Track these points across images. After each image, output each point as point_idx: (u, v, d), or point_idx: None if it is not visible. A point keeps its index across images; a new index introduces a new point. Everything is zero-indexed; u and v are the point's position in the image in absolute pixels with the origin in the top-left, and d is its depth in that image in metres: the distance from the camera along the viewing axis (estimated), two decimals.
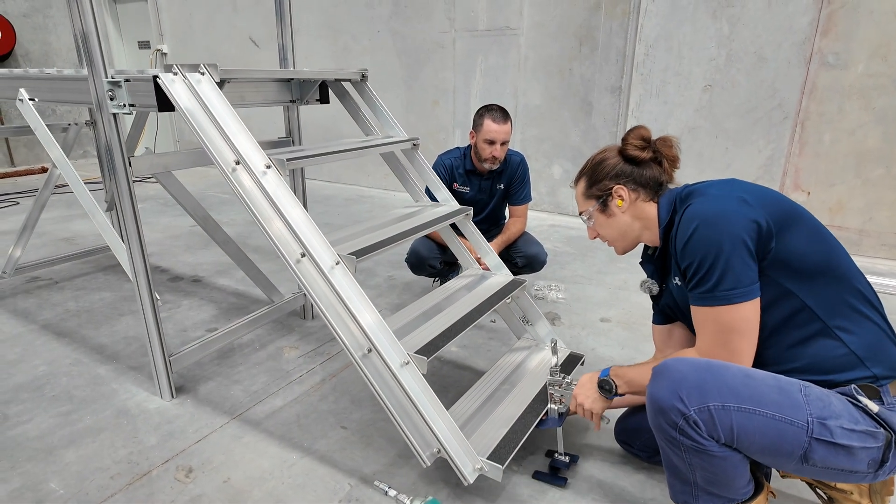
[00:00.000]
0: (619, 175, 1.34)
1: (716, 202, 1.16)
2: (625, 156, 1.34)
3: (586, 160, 1.43)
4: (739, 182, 1.24)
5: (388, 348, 1.45)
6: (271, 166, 1.48)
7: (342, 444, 1.69)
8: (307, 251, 1.46)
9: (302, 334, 2.41)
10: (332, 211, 4.69)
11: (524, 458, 1.64)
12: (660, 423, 1.12)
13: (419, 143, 2.04)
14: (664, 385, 1.11)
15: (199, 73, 1.51)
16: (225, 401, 1.92)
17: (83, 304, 2.72)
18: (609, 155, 1.37)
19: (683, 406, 1.07)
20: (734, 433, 1.06)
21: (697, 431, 1.07)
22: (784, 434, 1.05)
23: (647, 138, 1.35)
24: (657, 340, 1.55)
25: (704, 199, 1.19)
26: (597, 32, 3.95)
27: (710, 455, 1.09)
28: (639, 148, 1.33)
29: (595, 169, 1.38)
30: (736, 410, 1.06)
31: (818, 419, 1.05)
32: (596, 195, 1.38)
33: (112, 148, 1.62)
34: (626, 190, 1.33)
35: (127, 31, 6.96)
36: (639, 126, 1.36)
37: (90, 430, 1.76)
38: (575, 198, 1.46)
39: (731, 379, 1.09)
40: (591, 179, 1.39)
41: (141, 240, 1.73)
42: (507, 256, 2.55)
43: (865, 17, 3.12)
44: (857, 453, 1.06)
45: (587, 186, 1.40)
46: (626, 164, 1.34)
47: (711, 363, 1.13)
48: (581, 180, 1.42)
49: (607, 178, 1.35)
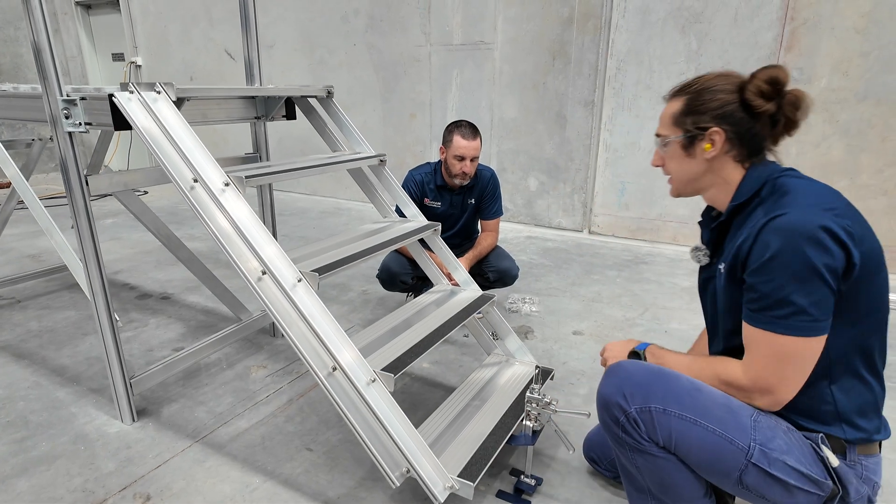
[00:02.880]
0: (724, 117, 1.09)
1: (811, 220, 0.97)
2: (742, 97, 1.08)
3: (697, 77, 1.16)
4: (838, 197, 1.05)
5: (353, 366, 1.42)
6: (230, 184, 1.46)
7: (308, 466, 1.66)
8: (268, 269, 1.43)
9: (270, 353, 2.37)
10: (307, 224, 4.65)
11: (496, 474, 1.62)
12: (605, 419, 1.15)
13: (386, 159, 2.03)
14: (612, 382, 1.14)
15: (154, 91, 1.49)
16: (188, 423, 1.87)
17: (46, 324, 2.65)
18: (724, 86, 1.10)
19: (626, 403, 1.10)
20: (672, 439, 1.07)
21: (637, 430, 1.09)
22: (722, 451, 1.05)
23: (781, 85, 1.06)
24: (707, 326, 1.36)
25: (800, 212, 0.99)
26: (569, 47, 4.00)
27: (652, 456, 1.11)
28: (764, 96, 1.06)
29: (700, 95, 1.12)
30: (676, 417, 1.07)
31: (760, 445, 1.04)
32: (686, 127, 1.14)
33: (68, 166, 1.58)
34: (723, 138, 1.10)
35: (101, 43, 6.87)
36: (777, 66, 1.07)
37: (45, 457, 1.69)
38: (660, 114, 1.21)
39: (679, 388, 1.10)
40: (690, 106, 1.13)
41: (99, 259, 1.69)
42: (479, 271, 2.54)
43: (827, 33, 3.21)
44: (794, 493, 1.05)
45: (681, 111, 1.14)
46: (739, 108, 1.08)
47: (664, 370, 1.14)
48: (677, 99, 1.16)
49: (709, 113, 1.10)
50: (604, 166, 4.12)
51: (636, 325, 2.66)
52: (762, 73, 1.06)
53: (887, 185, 3.27)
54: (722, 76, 1.12)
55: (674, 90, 1.19)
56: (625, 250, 3.85)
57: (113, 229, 4.41)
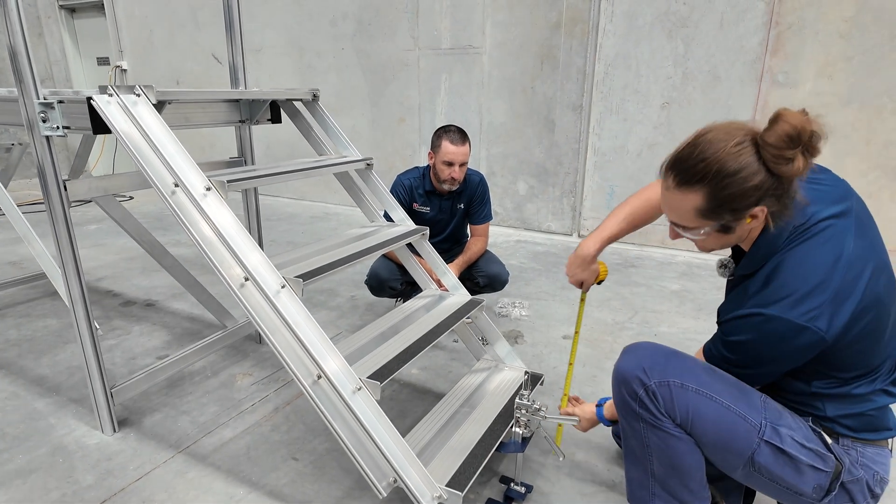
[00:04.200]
0: (763, 198, 0.98)
1: (786, 324, 0.99)
2: (770, 170, 0.96)
3: (695, 145, 1.00)
4: (836, 267, 1.00)
5: (338, 374, 1.40)
6: (211, 188, 1.42)
7: (293, 476, 1.62)
8: (251, 275, 1.40)
9: (256, 360, 2.33)
10: (295, 229, 4.61)
11: (485, 482, 1.59)
12: (622, 394, 1.14)
13: (373, 163, 2.01)
14: (629, 358, 1.15)
15: (134, 94, 1.46)
16: (171, 433, 1.82)
17: (25, 333, 2.59)
18: (746, 161, 0.96)
19: (645, 377, 1.10)
20: (689, 414, 1.08)
21: (655, 404, 1.09)
22: (736, 428, 1.07)
23: (798, 137, 0.94)
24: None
25: (779, 311, 1.00)
26: (557, 51, 4.01)
27: (666, 433, 1.10)
28: (791, 160, 0.94)
29: (724, 184, 0.97)
30: (694, 392, 1.08)
31: (771, 423, 1.07)
32: (723, 220, 1.03)
33: (45, 171, 1.54)
34: (766, 212, 1.01)
35: (85, 47, 6.79)
36: (783, 118, 0.94)
37: (21, 470, 1.64)
38: (666, 202, 1.08)
39: (694, 365, 1.12)
40: (719, 199, 0.99)
41: (78, 266, 1.65)
42: (469, 276, 2.52)
43: (811, 37, 3.24)
44: (804, 470, 1.06)
45: (710, 206, 1.01)
46: (772, 179, 0.97)
47: (677, 351, 1.16)
48: (692, 190, 1.01)
49: (745, 202, 0.98)
50: (592, 170, 4.12)
51: (626, 328, 2.65)
52: (776, 136, 0.94)
53: (872, 189, 3.30)
54: (731, 144, 0.97)
55: (680, 176, 1.02)
56: (613, 254, 3.85)
57: (96, 235, 4.34)
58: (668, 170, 1.06)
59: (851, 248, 1.02)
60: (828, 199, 1.08)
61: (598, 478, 1.63)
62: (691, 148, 1.01)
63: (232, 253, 1.40)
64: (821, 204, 1.06)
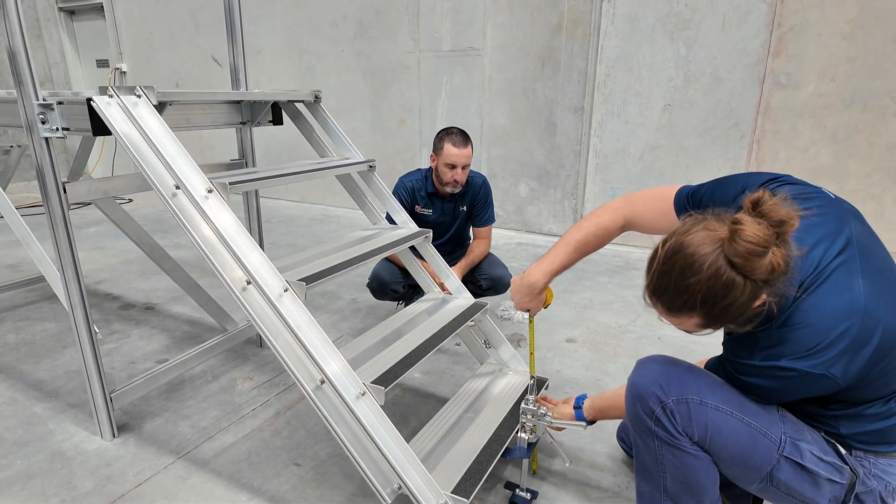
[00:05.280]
0: (755, 296, 0.94)
1: (803, 376, 0.97)
2: (755, 281, 0.92)
3: (668, 276, 0.97)
4: (850, 314, 0.95)
5: (342, 379, 1.38)
6: (213, 190, 1.41)
7: (295, 482, 1.60)
8: (252, 278, 1.38)
9: (257, 364, 2.31)
10: (296, 231, 4.59)
11: (490, 488, 1.57)
12: (637, 411, 1.11)
13: (375, 164, 1.99)
14: (645, 374, 1.11)
15: (135, 95, 1.44)
16: (171, 439, 1.80)
17: (24, 337, 2.56)
18: (729, 279, 0.92)
19: (662, 394, 1.07)
20: (708, 432, 1.05)
21: (672, 422, 1.06)
22: (757, 445, 1.04)
23: (762, 246, 0.90)
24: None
25: (793, 363, 0.97)
26: (559, 54, 4.00)
27: (682, 451, 1.07)
28: (763, 266, 0.91)
29: (716, 307, 0.95)
30: (713, 409, 1.05)
31: (791, 438, 1.04)
32: (722, 325, 1.02)
33: (44, 173, 1.52)
34: (765, 298, 0.98)
35: (85, 49, 6.78)
36: (741, 232, 0.90)
37: (19, 476, 1.62)
38: (664, 318, 1.06)
39: (712, 381, 1.09)
40: (716, 317, 0.98)
41: (77, 270, 1.63)
42: (472, 279, 2.51)
43: (814, 39, 3.23)
44: (822, 484, 1.04)
45: (708, 322, 1.00)
46: (759, 286, 0.93)
47: (693, 365, 1.13)
48: (685, 315, 1.00)
49: (743, 309, 0.95)
50: (594, 172, 4.11)
51: (628, 331, 2.63)
52: (740, 256, 0.90)
53: (875, 190, 3.28)
54: (706, 268, 0.92)
55: (668, 307, 1.01)
56: (615, 256, 3.83)
57: (96, 238, 4.32)
58: (651, 298, 1.03)
59: (861, 291, 0.96)
60: (827, 234, 1.01)
61: (603, 483, 1.61)
62: (666, 278, 0.98)
63: (234, 256, 1.38)
64: (822, 244, 1.00)
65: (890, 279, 1.03)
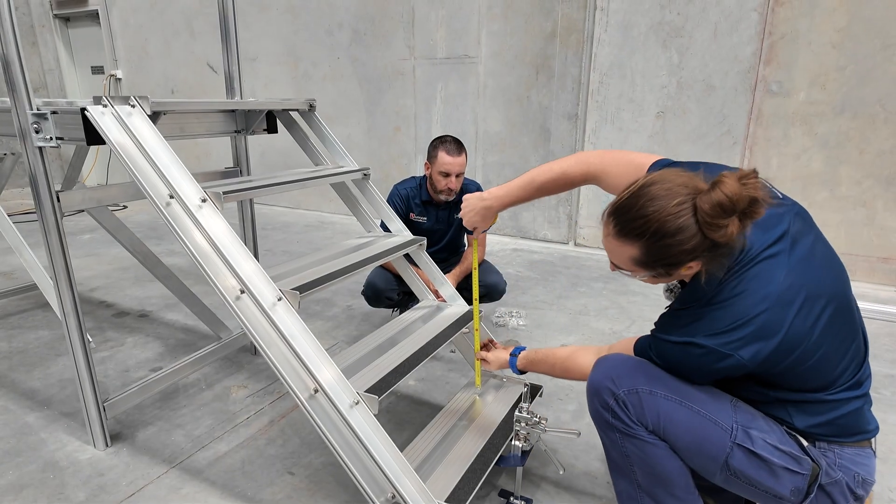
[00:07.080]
0: (696, 256, 1.01)
1: (714, 356, 1.04)
2: (706, 235, 0.98)
3: (638, 196, 1.01)
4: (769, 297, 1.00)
5: (335, 388, 1.38)
6: (207, 199, 1.41)
7: (290, 491, 1.60)
8: (246, 287, 1.38)
9: (251, 372, 2.30)
10: (291, 238, 4.59)
11: (484, 496, 1.57)
12: (596, 406, 1.17)
13: (370, 173, 2.00)
14: (599, 370, 1.18)
15: (129, 105, 1.44)
16: (165, 448, 1.79)
17: (16, 345, 2.55)
18: (685, 224, 0.97)
19: (614, 386, 1.13)
20: (661, 420, 1.09)
21: (626, 413, 1.11)
22: (708, 432, 1.08)
23: (731, 205, 0.94)
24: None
25: (707, 340, 1.04)
26: (553, 61, 4.03)
27: (642, 441, 1.12)
28: (721, 227, 0.96)
29: (661, 243, 1.00)
30: (663, 398, 1.10)
31: (742, 426, 1.08)
32: (656, 271, 1.08)
33: (38, 182, 1.52)
34: (699, 265, 1.04)
35: (80, 56, 6.77)
36: (722, 182, 0.94)
37: (11, 487, 1.61)
38: (605, 244, 1.11)
39: (662, 373, 1.14)
40: (653, 254, 1.03)
41: (70, 278, 1.62)
42: (467, 286, 2.51)
43: (804, 47, 3.27)
44: (779, 473, 1.06)
45: (644, 259, 1.05)
46: (707, 242, 0.99)
47: (645, 361, 1.18)
48: (630, 242, 1.04)
49: (678, 259, 1.02)
50: None
51: (623, 337, 2.64)
52: (709, 204, 0.95)
53: (865, 197, 3.31)
54: (672, 204, 0.98)
55: (619, 227, 1.05)
56: None
57: (90, 245, 4.30)
58: (608, 216, 1.08)
59: (781, 284, 1.01)
60: (763, 227, 1.05)
61: (598, 491, 1.61)
62: (634, 199, 1.03)
63: (227, 265, 1.38)
64: (755, 234, 1.04)
65: (815, 281, 1.05)
